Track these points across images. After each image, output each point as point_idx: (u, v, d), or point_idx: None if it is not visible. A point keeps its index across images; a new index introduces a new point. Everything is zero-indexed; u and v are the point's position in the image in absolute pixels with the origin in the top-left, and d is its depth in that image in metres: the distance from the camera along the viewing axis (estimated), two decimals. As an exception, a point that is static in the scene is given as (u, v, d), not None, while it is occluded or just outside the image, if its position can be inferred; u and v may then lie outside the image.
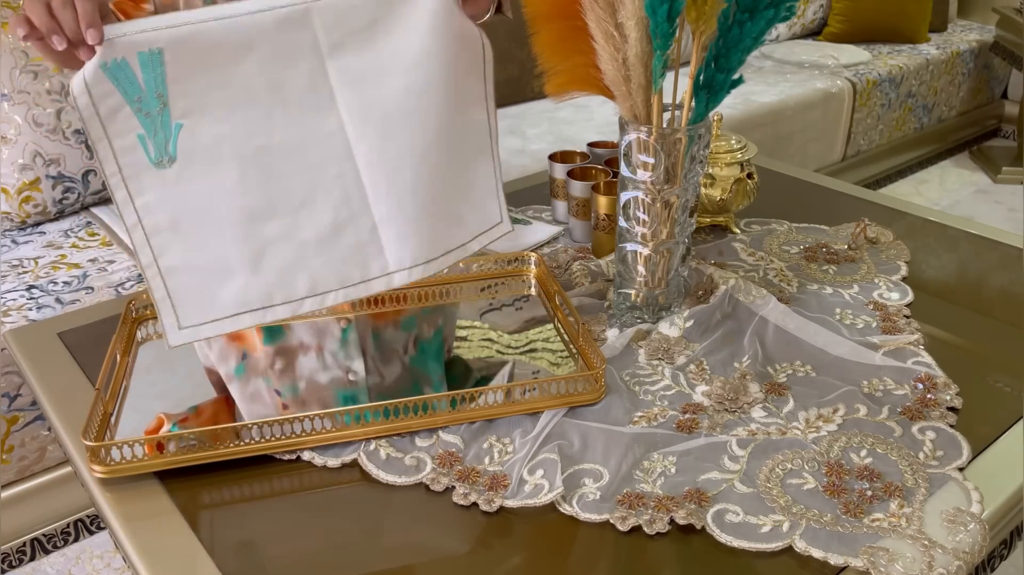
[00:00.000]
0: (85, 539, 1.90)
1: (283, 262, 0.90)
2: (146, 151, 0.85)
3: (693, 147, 1.02)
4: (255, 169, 0.88)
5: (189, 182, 0.86)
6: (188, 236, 0.88)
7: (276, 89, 0.87)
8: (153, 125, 0.85)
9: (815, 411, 0.95)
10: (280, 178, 0.89)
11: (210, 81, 0.85)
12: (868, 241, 1.32)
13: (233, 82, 0.86)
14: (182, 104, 0.85)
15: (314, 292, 0.91)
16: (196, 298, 0.88)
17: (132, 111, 0.84)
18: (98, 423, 0.90)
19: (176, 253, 0.88)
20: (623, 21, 0.95)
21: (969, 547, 0.77)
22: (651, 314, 1.11)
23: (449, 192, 0.96)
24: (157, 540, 0.81)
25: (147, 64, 0.83)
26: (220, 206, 0.88)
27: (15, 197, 2.04)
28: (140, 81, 0.83)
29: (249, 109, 0.87)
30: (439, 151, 0.93)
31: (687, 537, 0.80)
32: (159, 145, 0.85)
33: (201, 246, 0.88)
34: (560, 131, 2.76)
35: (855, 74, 3.38)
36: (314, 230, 0.91)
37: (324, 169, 0.90)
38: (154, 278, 0.87)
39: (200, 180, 0.86)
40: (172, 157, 0.86)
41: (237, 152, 0.87)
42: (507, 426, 0.93)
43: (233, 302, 0.89)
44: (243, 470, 0.89)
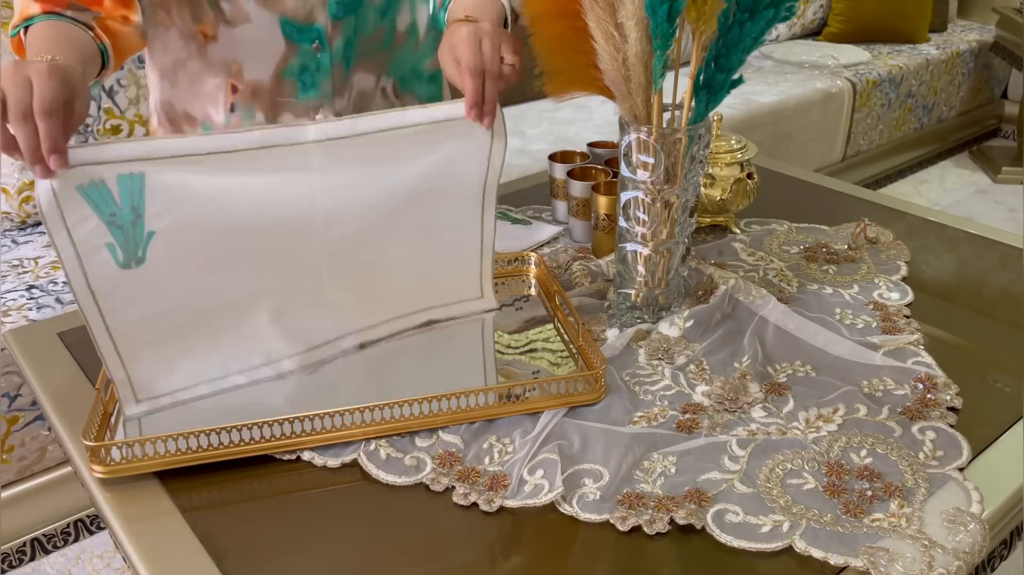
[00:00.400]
0: (85, 539, 1.90)
1: (239, 338, 0.96)
2: (113, 255, 0.84)
3: (693, 147, 1.02)
4: (225, 266, 0.91)
5: (155, 277, 0.87)
6: (150, 325, 0.90)
7: (256, 196, 0.89)
8: (125, 236, 0.84)
9: (815, 411, 0.95)
10: (247, 274, 0.94)
11: (190, 197, 0.86)
12: (868, 241, 1.32)
13: (214, 195, 0.86)
14: (157, 220, 0.85)
15: (269, 361, 0.98)
16: (154, 376, 0.93)
17: (104, 223, 0.83)
18: (98, 423, 0.90)
19: (136, 338, 0.91)
20: (623, 21, 0.95)
21: (969, 547, 0.77)
22: (651, 314, 1.11)
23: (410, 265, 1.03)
24: (157, 540, 0.81)
25: (126, 186, 0.83)
26: (183, 295, 0.91)
27: (15, 197, 2.04)
28: (116, 199, 0.82)
29: (228, 215, 0.88)
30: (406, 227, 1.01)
31: (687, 537, 0.80)
32: (129, 251, 0.85)
33: (162, 331, 0.92)
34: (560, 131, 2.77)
35: (855, 74, 3.38)
36: (269, 312, 0.97)
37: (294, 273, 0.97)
38: (112, 359, 0.90)
39: (166, 276, 0.88)
40: (141, 260, 0.85)
41: (208, 254, 0.89)
42: (507, 426, 0.93)
43: (191, 375, 0.94)
44: (243, 470, 0.89)
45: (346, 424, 0.91)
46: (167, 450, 0.87)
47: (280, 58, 1.18)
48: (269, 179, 0.90)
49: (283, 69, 1.19)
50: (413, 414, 0.92)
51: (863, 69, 3.43)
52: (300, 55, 1.18)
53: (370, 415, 0.91)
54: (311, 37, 1.17)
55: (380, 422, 0.92)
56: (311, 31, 1.17)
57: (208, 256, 0.89)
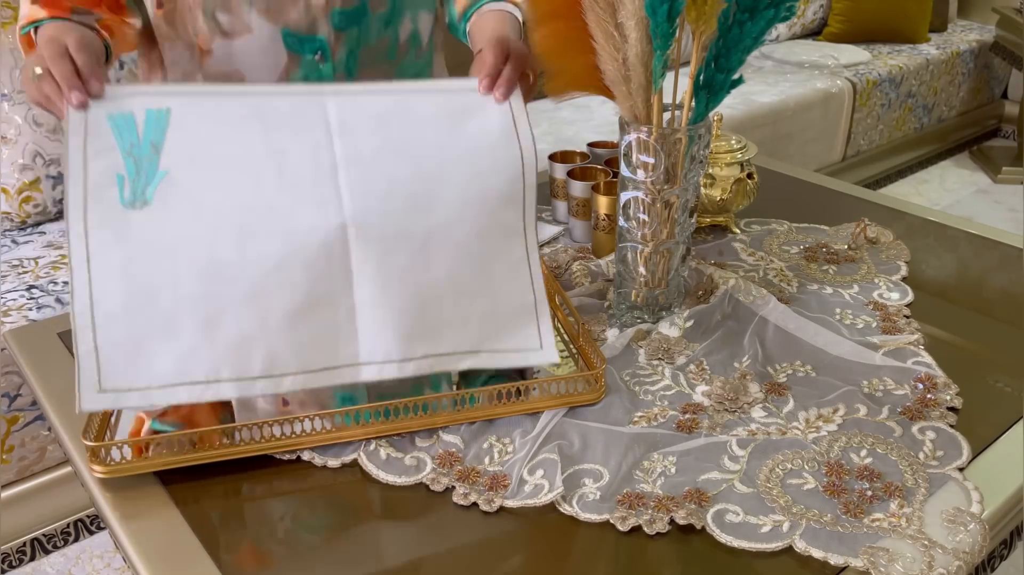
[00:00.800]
0: (85, 539, 1.90)
1: (240, 331, 0.81)
2: (120, 191, 0.81)
3: (693, 147, 1.02)
4: (231, 225, 0.82)
5: (156, 227, 0.81)
6: (138, 284, 0.79)
7: (276, 154, 0.85)
8: (137, 169, 0.82)
9: (815, 411, 0.95)
10: (257, 238, 0.82)
11: (209, 137, 0.84)
12: (868, 241, 1.32)
13: (233, 142, 0.85)
14: (173, 155, 0.83)
15: (270, 373, 0.82)
16: (129, 358, 0.79)
17: (121, 154, 0.82)
18: (98, 423, 0.90)
19: (117, 300, 0.79)
20: (623, 21, 0.95)
21: (969, 547, 0.77)
22: (651, 314, 1.11)
23: (452, 291, 0.89)
24: (157, 540, 0.81)
25: (152, 119, 0.84)
26: (183, 256, 0.81)
27: (15, 197, 2.04)
28: (139, 132, 0.83)
29: (242, 169, 0.84)
30: (444, 241, 0.88)
31: (687, 537, 0.80)
32: (137, 189, 0.82)
33: (150, 297, 0.80)
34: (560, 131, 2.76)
35: (855, 74, 3.38)
36: (284, 300, 0.82)
37: (309, 236, 0.83)
38: (84, 328, 0.78)
39: (168, 227, 0.81)
40: (146, 201, 0.82)
41: (216, 206, 0.82)
42: (507, 426, 0.93)
43: (171, 371, 0.79)
44: (243, 470, 0.88)
45: (346, 424, 0.91)
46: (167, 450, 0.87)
47: (282, 69, 1.18)
48: (293, 139, 0.86)
49: (286, 80, 1.19)
50: (413, 414, 0.92)
51: (863, 69, 3.43)
52: (302, 66, 1.18)
53: (370, 415, 0.91)
54: (313, 48, 1.17)
55: (380, 422, 0.92)
56: (313, 42, 1.16)
57: (220, 219, 0.82)
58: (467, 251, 0.90)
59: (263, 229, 0.83)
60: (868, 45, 3.73)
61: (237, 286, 0.82)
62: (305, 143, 0.86)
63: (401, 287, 0.87)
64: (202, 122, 0.84)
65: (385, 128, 0.89)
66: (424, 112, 0.92)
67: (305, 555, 0.80)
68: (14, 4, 2.02)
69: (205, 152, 0.84)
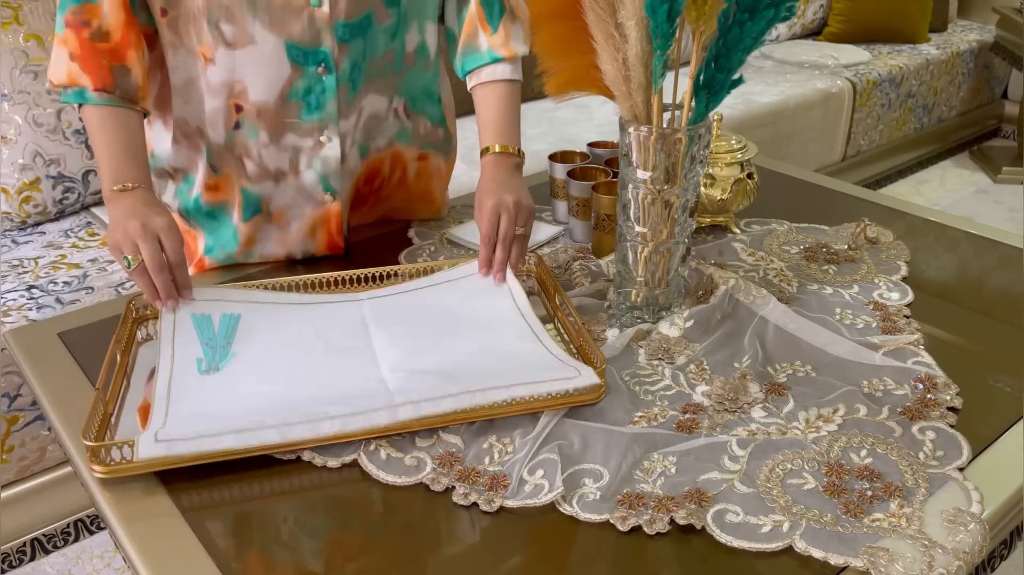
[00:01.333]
0: (85, 539, 1.90)
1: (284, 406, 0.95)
2: (199, 368, 1.01)
3: (693, 147, 1.02)
4: (286, 375, 1.00)
5: (225, 379, 0.99)
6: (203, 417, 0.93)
7: (322, 337, 1.06)
8: (212, 354, 1.03)
9: (815, 411, 0.95)
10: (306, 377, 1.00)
11: (270, 330, 1.07)
12: (868, 241, 1.32)
13: (287, 332, 1.07)
14: (241, 344, 1.05)
15: (309, 419, 0.91)
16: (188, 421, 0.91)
17: (200, 345, 1.04)
18: (98, 423, 0.90)
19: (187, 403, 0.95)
20: (623, 21, 0.95)
21: (969, 547, 0.77)
22: (651, 314, 1.11)
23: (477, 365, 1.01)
24: (157, 540, 0.81)
25: (225, 321, 1.08)
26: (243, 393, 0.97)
27: (15, 197, 2.04)
28: (215, 330, 1.07)
29: (296, 346, 1.05)
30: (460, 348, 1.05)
31: (687, 537, 0.80)
32: (211, 365, 1.01)
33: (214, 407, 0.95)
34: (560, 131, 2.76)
35: (855, 74, 3.38)
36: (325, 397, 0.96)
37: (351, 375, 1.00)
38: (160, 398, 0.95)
39: (234, 379, 0.99)
40: (218, 369, 1.01)
41: (272, 367, 1.01)
42: (507, 426, 0.93)
43: (220, 424, 0.90)
44: (243, 470, 0.88)
45: (346, 425, 0.91)
46: (167, 450, 0.87)
47: (285, 81, 1.18)
48: (336, 327, 1.09)
49: (288, 92, 1.19)
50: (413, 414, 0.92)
51: (863, 69, 3.44)
52: (305, 77, 1.18)
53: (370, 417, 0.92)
54: (317, 60, 1.17)
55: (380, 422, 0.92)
56: (317, 54, 1.17)
57: (277, 369, 1.01)
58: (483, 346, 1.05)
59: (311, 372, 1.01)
60: (868, 45, 3.73)
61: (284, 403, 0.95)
62: (345, 330, 1.08)
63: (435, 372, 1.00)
64: (264, 323, 1.09)
65: (407, 317, 1.11)
66: (435, 301, 1.14)
67: (305, 555, 0.80)
68: (14, 4, 2.03)
69: (266, 340, 1.06)
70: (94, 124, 1.12)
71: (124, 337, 1.06)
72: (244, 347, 1.04)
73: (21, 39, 2.02)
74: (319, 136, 1.23)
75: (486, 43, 1.26)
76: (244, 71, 1.17)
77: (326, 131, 1.23)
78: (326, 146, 1.24)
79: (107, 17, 1.10)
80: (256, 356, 1.03)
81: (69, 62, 1.10)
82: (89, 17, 1.09)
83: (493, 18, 1.25)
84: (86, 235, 2.06)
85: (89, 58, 1.10)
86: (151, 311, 1.12)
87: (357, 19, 1.17)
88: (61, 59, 1.11)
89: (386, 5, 1.19)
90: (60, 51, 1.11)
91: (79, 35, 1.10)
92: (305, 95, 1.19)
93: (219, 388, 0.97)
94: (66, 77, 1.11)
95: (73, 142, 2.07)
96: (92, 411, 0.90)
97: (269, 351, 1.04)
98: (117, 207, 1.08)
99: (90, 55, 1.10)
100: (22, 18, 2.03)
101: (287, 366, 1.01)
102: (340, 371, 1.00)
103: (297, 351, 1.04)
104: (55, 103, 2.04)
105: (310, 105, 1.20)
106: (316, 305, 1.14)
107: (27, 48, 2.02)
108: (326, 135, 1.23)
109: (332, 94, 1.20)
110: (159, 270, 1.04)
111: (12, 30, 2.01)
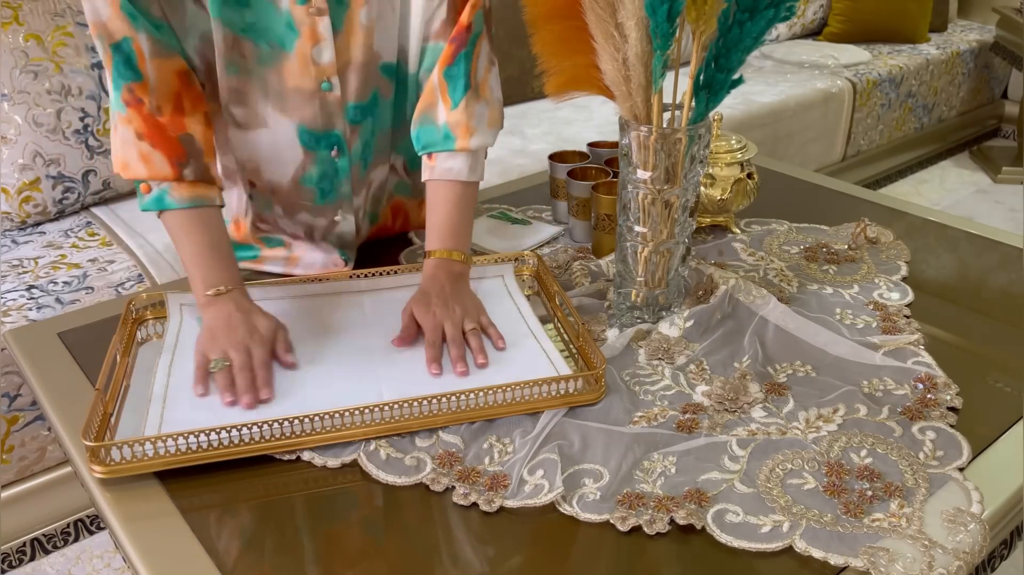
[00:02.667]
0: (85, 539, 1.90)
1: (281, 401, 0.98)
2: None
3: (693, 147, 1.02)
4: (281, 369, 1.02)
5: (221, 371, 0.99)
6: (199, 402, 0.96)
7: (321, 328, 1.09)
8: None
9: (815, 411, 0.95)
10: (304, 369, 1.02)
11: None
12: (868, 241, 1.32)
13: (286, 321, 1.07)
14: None
15: (300, 408, 0.94)
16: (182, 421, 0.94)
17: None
18: (98, 423, 0.90)
19: (183, 407, 0.96)
20: (623, 21, 0.95)
21: (969, 547, 0.77)
22: (651, 314, 1.11)
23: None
24: (157, 540, 0.81)
25: None
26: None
27: (15, 197, 2.04)
28: None
29: (293, 336, 1.07)
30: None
31: (687, 537, 0.80)
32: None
33: (207, 406, 0.96)
34: (560, 131, 2.77)
35: (855, 74, 3.38)
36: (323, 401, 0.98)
37: (347, 367, 1.02)
38: (156, 400, 0.97)
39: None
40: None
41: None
42: (507, 426, 0.93)
43: (215, 419, 0.92)
44: (243, 470, 0.89)
45: (346, 424, 0.91)
46: (167, 450, 0.87)
47: (298, 165, 1.17)
48: (330, 316, 1.12)
49: (301, 176, 1.18)
50: (413, 414, 0.92)
51: (863, 69, 3.43)
52: (319, 162, 1.17)
53: (370, 415, 0.91)
54: (330, 143, 1.16)
55: (380, 422, 0.92)
56: (329, 138, 1.16)
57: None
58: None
59: (308, 359, 1.04)
60: (868, 45, 3.73)
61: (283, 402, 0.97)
62: (344, 323, 1.11)
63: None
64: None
65: None
66: None
67: (304, 555, 0.80)
68: (14, 4, 2.03)
69: None
70: (177, 228, 1.07)
71: (124, 337, 1.06)
72: None
73: (21, 39, 2.02)
74: (333, 216, 1.24)
75: (444, 117, 1.14)
76: (256, 153, 1.16)
77: (340, 211, 1.23)
78: (340, 224, 1.25)
79: (156, 91, 1.04)
80: None
81: (138, 141, 1.04)
82: (142, 95, 1.03)
83: (456, 92, 1.14)
84: (86, 235, 2.06)
85: (155, 133, 1.04)
86: (151, 311, 1.12)
87: (367, 100, 1.16)
88: (128, 139, 1.04)
89: (387, 78, 1.18)
90: (126, 130, 1.04)
91: (140, 112, 1.04)
92: (319, 181, 1.19)
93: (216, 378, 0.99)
94: (137, 156, 1.04)
95: (73, 142, 2.07)
96: (92, 411, 0.90)
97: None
98: (210, 312, 1.04)
99: (155, 130, 1.04)
100: (22, 18, 2.03)
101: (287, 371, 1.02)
102: (337, 364, 1.03)
103: (296, 343, 1.05)
104: (55, 103, 2.04)
105: (324, 190, 1.20)
106: (318, 297, 1.15)
107: (27, 48, 2.02)
108: (340, 215, 1.23)
109: (345, 175, 1.19)
110: (244, 372, 0.99)
111: (12, 30, 2.01)
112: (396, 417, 0.92)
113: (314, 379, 1.01)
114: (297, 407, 0.94)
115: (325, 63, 1.10)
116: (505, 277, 1.19)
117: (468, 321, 1.06)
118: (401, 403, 0.92)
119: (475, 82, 1.15)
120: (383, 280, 1.19)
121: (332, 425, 0.91)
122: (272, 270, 1.29)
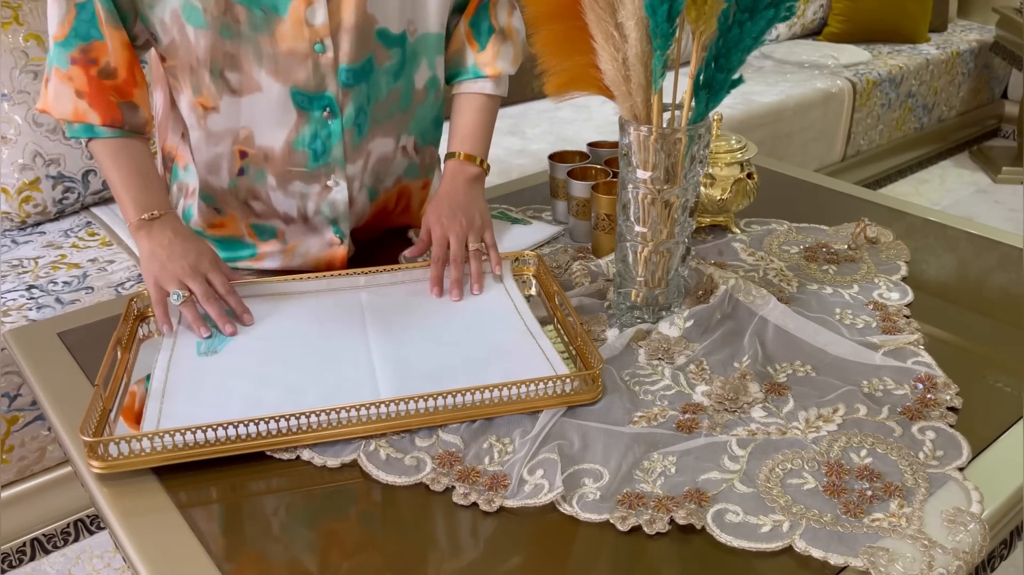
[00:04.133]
0: (85, 539, 1.90)
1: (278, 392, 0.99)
2: (198, 349, 1.05)
3: (693, 147, 1.02)
4: (281, 358, 1.04)
5: (220, 360, 1.03)
6: (200, 392, 0.98)
7: (319, 323, 1.10)
8: (212, 342, 1.06)
9: (815, 411, 0.95)
10: (300, 358, 1.04)
11: (269, 319, 1.11)
12: (868, 241, 1.32)
13: (286, 319, 1.11)
14: (241, 331, 1.09)
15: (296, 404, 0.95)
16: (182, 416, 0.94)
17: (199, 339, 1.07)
18: (96, 419, 0.90)
19: (181, 399, 0.97)
20: (623, 21, 0.95)
21: (969, 547, 0.77)
22: (651, 314, 1.11)
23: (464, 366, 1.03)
24: (155, 537, 0.81)
25: (228, 312, 1.10)
26: (238, 378, 1.00)
27: (15, 197, 2.04)
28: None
29: (293, 332, 1.09)
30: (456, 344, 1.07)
31: (687, 537, 0.80)
32: (209, 347, 1.05)
33: (208, 395, 0.98)
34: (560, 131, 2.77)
35: (855, 74, 3.38)
36: (317, 393, 0.98)
37: (342, 361, 1.03)
38: (152, 413, 0.95)
39: (230, 364, 1.03)
40: (216, 351, 1.05)
41: (269, 350, 1.05)
42: (507, 426, 0.93)
43: (215, 415, 0.93)
44: (242, 469, 0.89)
45: (343, 421, 0.91)
46: (164, 446, 0.87)
47: (291, 127, 1.18)
48: (334, 316, 1.12)
49: (294, 139, 1.19)
50: (412, 411, 0.92)
51: (863, 69, 3.43)
52: (311, 123, 1.18)
53: (367, 412, 0.91)
54: (322, 105, 1.17)
55: (378, 419, 0.92)
56: (322, 99, 1.16)
57: (271, 350, 1.05)
58: (476, 340, 1.08)
59: (305, 351, 1.05)
60: (868, 45, 3.73)
61: (277, 387, 0.99)
62: (343, 317, 1.12)
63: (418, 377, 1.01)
64: (265, 310, 1.12)
65: (403, 307, 1.14)
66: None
67: (304, 555, 0.80)
68: (14, 4, 2.03)
69: (266, 326, 1.10)
70: (105, 157, 1.13)
71: (125, 334, 1.06)
72: (243, 332, 1.09)
73: (21, 39, 2.02)
74: (326, 181, 1.23)
75: (472, 59, 1.29)
76: (250, 117, 1.17)
77: (332, 175, 1.23)
78: (333, 190, 1.24)
79: (113, 55, 1.10)
80: (253, 341, 1.07)
81: (76, 99, 1.10)
82: (97, 55, 1.09)
83: (481, 36, 1.28)
84: (86, 235, 2.06)
85: (97, 95, 1.10)
86: (152, 309, 1.12)
87: (360, 63, 1.17)
88: (66, 95, 1.10)
89: (386, 47, 1.19)
90: (64, 87, 1.10)
91: (87, 72, 1.09)
92: (311, 142, 1.19)
93: (214, 370, 1.01)
94: (72, 113, 1.10)
95: (73, 142, 2.07)
96: (90, 407, 0.90)
97: (267, 336, 1.08)
98: (147, 238, 1.08)
99: (98, 92, 1.10)
100: (22, 18, 2.03)
101: (282, 350, 1.05)
102: (333, 358, 1.04)
103: (294, 336, 1.08)
104: (55, 103, 2.04)
105: (316, 152, 1.20)
106: (317, 294, 1.17)
107: (27, 48, 2.02)
108: (332, 179, 1.23)
109: (338, 138, 1.20)
110: (212, 301, 1.06)
111: (12, 30, 2.01)
112: (394, 414, 0.92)
113: (306, 366, 1.02)
114: (293, 401, 0.94)
115: (318, 24, 1.11)
116: (504, 277, 1.19)
117: (472, 239, 1.16)
118: (399, 401, 0.92)
119: (498, 26, 1.29)
120: (381, 276, 1.20)
121: (330, 422, 0.91)
122: (271, 266, 1.29)
